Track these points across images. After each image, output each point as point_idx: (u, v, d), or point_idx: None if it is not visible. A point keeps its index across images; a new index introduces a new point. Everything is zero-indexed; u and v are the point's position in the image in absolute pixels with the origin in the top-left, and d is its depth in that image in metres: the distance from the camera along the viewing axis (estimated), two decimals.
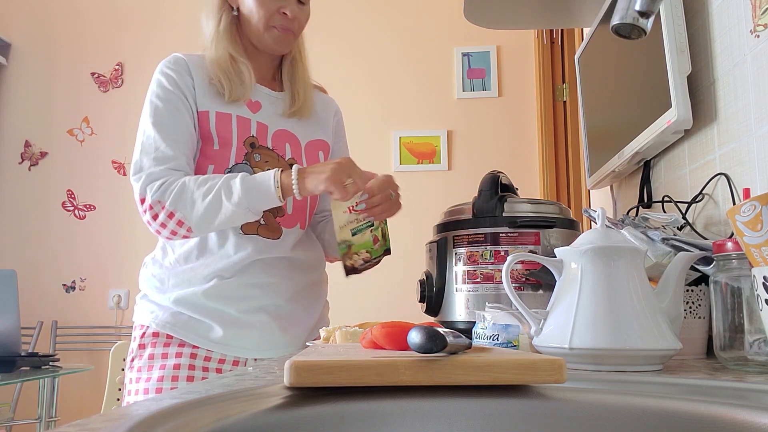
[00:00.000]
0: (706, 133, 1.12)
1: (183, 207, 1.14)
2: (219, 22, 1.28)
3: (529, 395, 0.53)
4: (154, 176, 1.17)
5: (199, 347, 1.21)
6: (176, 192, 1.15)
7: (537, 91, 3.32)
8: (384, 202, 1.19)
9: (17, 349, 2.31)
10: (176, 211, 1.14)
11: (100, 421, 0.38)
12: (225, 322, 1.21)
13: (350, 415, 0.49)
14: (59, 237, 3.64)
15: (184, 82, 1.23)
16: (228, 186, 1.13)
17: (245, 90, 1.25)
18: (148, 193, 1.16)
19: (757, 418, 0.47)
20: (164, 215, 1.15)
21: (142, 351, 1.22)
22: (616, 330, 0.70)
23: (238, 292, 1.22)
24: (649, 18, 0.70)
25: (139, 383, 1.20)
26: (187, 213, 1.14)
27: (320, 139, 1.36)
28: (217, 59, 1.25)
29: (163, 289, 1.24)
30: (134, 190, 1.18)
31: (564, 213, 1.23)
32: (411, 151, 3.51)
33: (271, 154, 1.26)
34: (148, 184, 1.16)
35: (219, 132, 1.23)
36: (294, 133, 1.31)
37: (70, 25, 3.83)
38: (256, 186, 1.13)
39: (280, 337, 1.26)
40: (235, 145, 1.23)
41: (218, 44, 1.26)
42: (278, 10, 1.24)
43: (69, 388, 3.31)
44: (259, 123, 1.26)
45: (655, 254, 0.90)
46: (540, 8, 1.78)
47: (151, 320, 1.22)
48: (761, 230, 0.66)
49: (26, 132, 3.76)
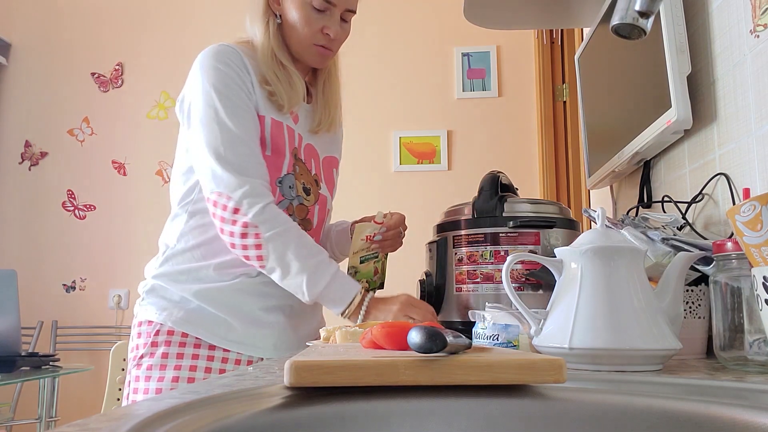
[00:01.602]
0: (705, 133, 1.12)
1: (274, 251, 1.13)
2: (267, 28, 1.25)
3: (529, 395, 0.53)
4: (258, 192, 1.14)
5: (216, 347, 1.19)
6: (278, 232, 1.13)
7: (537, 91, 3.32)
8: (395, 237, 1.28)
9: (17, 349, 2.31)
10: (265, 248, 1.13)
11: (100, 421, 0.38)
12: (243, 319, 1.21)
13: (350, 415, 0.49)
14: (59, 237, 3.64)
15: (242, 80, 1.21)
16: (318, 273, 1.14)
17: (298, 100, 1.25)
18: (249, 210, 1.13)
19: (757, 418, 0.47)
20: (252, 240, 1.13)
21: (154, 349, 1.18)
22: (616, 330, 0.70)
23: (259, 289, 1.22)
24: (649, 18, 0.70)
25: (149, 382, 1.16)
26: (272, 259, 1.13)
27: (333, 156, 1.38)
28: (271, 66, 1.23)
29: (185, 280, 1.21)
30: (221, 183, 1.14)
31: (564, 213, 1.23)
32: (411, 151, 3.51)
33: (304, 168, 1.27)
34: (252, 198, 1.13)
35: (273, 139, 1.22)
36: (315, 147, 1.32)
37: (70, 25, 3.83)
38: (338, 293, 1.16)
39: (293, 336, 1.27)
40: (288, 155, 1.23)
41: (268, 50, 1.24)
42: (322, 30, 1.23)
43: (69, 388, 3.31)
44: (299, 134, 1.27)
45: (655, 254, 0.90)
46: (540, 8, 1.77)
47: (165, 317, 1.19)
48: (761, 230, 0.66)
49: (26, 132, 3.77)
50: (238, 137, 1.16)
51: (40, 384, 2.70)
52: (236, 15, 4.52)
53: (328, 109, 1.34)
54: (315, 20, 1.22)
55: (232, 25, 4.11)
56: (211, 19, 3.71)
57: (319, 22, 1.22)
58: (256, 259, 1.14)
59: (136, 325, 1.23)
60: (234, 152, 1.16)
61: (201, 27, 3.69)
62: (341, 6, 1.23)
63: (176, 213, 1.27)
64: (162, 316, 1.19)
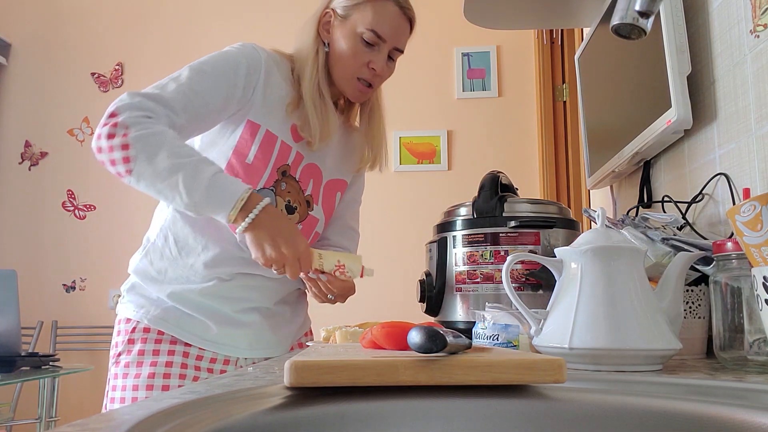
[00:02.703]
0: (706, 133, 1.12)
1: (142, 149, 1.02)
2: (316, 57, 1.22)
3: (529, 395, 0.53)
4: (144, 106, 1.06)
5: (191, 345, 1.19)
6: (150, 132, 1.03)
7: (537, 91, 3.32)
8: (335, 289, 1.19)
9: (17, 349, 2.31)
10: (134, 147, 1.02)
11: (100, 421, 0.38)
12: (219, 320, 1.20)
13: (350, 415, 0.49)
14: (59, 237, 3.64)
15: (248, 79, 1.17)
16: (197, 169, 1.04)
17: (328, 136, 1.22)
18: (124, 113, 1.04)
19: (756, 417, 0.47)
20: (119, 140, 1.02)
21: (131, 346, 1.18)
22: (616, 330, 0.70)
23: (234, 293, 1.21)
24: (648, 18, 0.70)
25: (127, 379, 1.16)
26: (141, 158, 1.02)
27: (341, 179, 1.34)
28: (312, 96, 1.20)
29: (160, 279, 1.20)
30: (112, 102, 1.07)
31: (564, 213, 1.23)
32: (411, 151, 3.51)
33: (294, 186, 1.23)
34: (133, 108, 1.05)
35: (259, 151, 1.17)
36: (321, 168, 1.28)
37: (70, 25, 3.83)
38: (221, 191, 1.04)
39: (271, 337, 1.26)
40: (269, 171, 1.18)
41: (314, 80, 1.21)
42: (368, 64, 1.21)
43: (69, 388, 3.32)
44: (298, 153, 1.23)
45: (655, 254, 0.90)
46: (540, 8, 1.78)
47: (141, 315, 1.19)
48: (761, 230, 0.66)
49: (26, 132, 3.77)
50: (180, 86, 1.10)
51: (40, 384, 2.70)
52: (236, 15, 4.50)
53: (372, 146, 1.32)
54: (362, 53, 1.20)
55: (232, 25, 4.10)
56: (212, 19, 3.71)
57: (366, 56, 1.21)
58: (123, 161, 1.02)
59: (117, 323, 1.23)
60: (158, 90, 1.10)
61: (201, 27, 3.70)
62: (391, 43, 1.21)
63: (160, 206, 1.27)
64: (139, 313, 1.19)
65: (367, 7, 1.20)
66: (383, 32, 1.20)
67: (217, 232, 1.19)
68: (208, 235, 1.19)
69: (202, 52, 1.25)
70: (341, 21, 1.21)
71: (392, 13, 1.21)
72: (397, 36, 1.22)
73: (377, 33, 1.19)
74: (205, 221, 1.18)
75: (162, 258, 1.21)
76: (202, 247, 1.19)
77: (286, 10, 3.70)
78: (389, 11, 1.20)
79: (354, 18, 1.20)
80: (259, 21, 3.63)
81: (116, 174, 1.05)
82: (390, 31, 1.20)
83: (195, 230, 1.19)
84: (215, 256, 1.19)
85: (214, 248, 1.19)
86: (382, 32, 1.19)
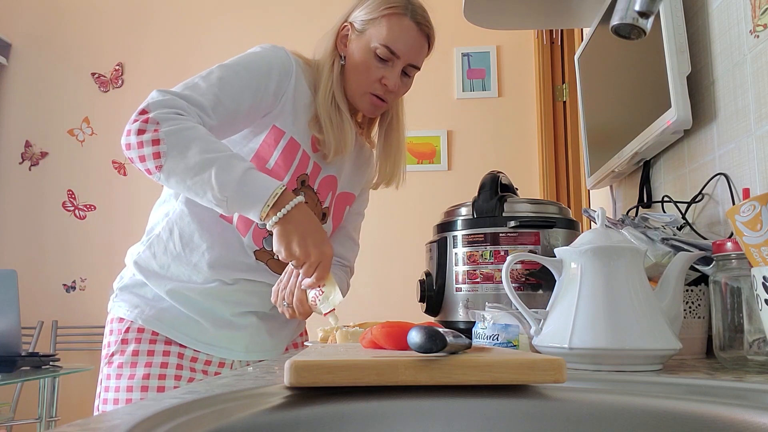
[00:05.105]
0: (705, 133, 1.12)
1: (174, 144, 1.01)
2: (332, 69, 1.21)
3: (529, 395, 0.53)
4: (176, 104, 1.05)
5: (186, 347, 1.18)
6: (181, 128, 1.02)
7: (537, 91, 3.32)
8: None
9: (17, 349, 2.31)
10: (164, 143, 1.01)
11: (100, 421, 0.38)
12: (216, 322, 1.20)
13: (350, 415, 0.49)
14: (59, 237, 3.64)
15: (279, 85, 1.16)
16: (230, 164, 1.02)
17: (345, 150, 1.20)
18: (155, 110, 1.03)
19: (756, 417, 0.47)
20: (150, 135, 1.01)
21: (124, 346, 1.16)
22: (616, 330, 0.70)
23: (234, 297, 1.21)
24: (648, 18, 0.70)
25: (120, 380, 1.15)
26: (172, 153, 1.01)
27: (351, 192, 1.33)
28: (327, 109, 1.19)
29: (161, 274, 1.19)
30: (144, 100, 1.05)
31: (564, 213, 1.23)
32: (411, 151, 3.51)
33: (312, 197, 1.22)
34: (164, 105, 1.04)
35: (281, 158, 1.17)
36: (338, 180, 1.27)
37: (70, 25, 3.83)
38: (254, 186, 1.02)
39: (268, 340, 1.26)
40: (288, 178, 1.17)
41: (329, 92, 1.20)
42: (381, 79, 1.19)
43: (69, 388, 3.32)
44: (315, 164, 1.22)
45: (655, 254, 0.90)
46: (540, 8, 1.77)
47: (136, 315, 1.17)
48: (761, 230, 0.66)
49: (26, 132, 3.77)
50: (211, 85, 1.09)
51: (40, 384, 2.70)
52: (236, 15, 4.50)
53: (388, 163, 1.30)
54: (375, 69, 1.19)
55: (232, 25, 4.10)
56: (212, 19, 3.71)
57: (379, 72, 1.19)
58: (153, 157, 1.01)
59: (109, 322, 1.22)
60: (189, 90, 1.08)
61: (201, 27, 3.69)
62: (405, 59, 1.19)
63: (164, 198, 1.25)
64: (133, 313, 1.18)
65: (383, 22, 1.18)
66: (397, 48, 1.18)
67: (223, 233, 1.18)
68: (215, 235, 1.18)
69: (202, 52, 1.25)
70: (358, 35, 1.20)
71: (408, 29, 1.19)
72: (411, 52, 1.20)
73: (391, 49, 1.18)
74: (212, 221, 1.17)
75: (166, 252, 1.19)
76: (206, 246, 1.18)
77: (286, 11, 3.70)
78: (405, 27, 1.19)
79: (370, 32, 1.19)
80: (259, 21, 3.63)
81: (145, 171, 1.04)
82: (404, 47, 1.19)
83: (202, 228, 1.18)
84: (219, 258, 1.18)
85: (219, 249, 1.18)
86: (396, 48, 1.18)
